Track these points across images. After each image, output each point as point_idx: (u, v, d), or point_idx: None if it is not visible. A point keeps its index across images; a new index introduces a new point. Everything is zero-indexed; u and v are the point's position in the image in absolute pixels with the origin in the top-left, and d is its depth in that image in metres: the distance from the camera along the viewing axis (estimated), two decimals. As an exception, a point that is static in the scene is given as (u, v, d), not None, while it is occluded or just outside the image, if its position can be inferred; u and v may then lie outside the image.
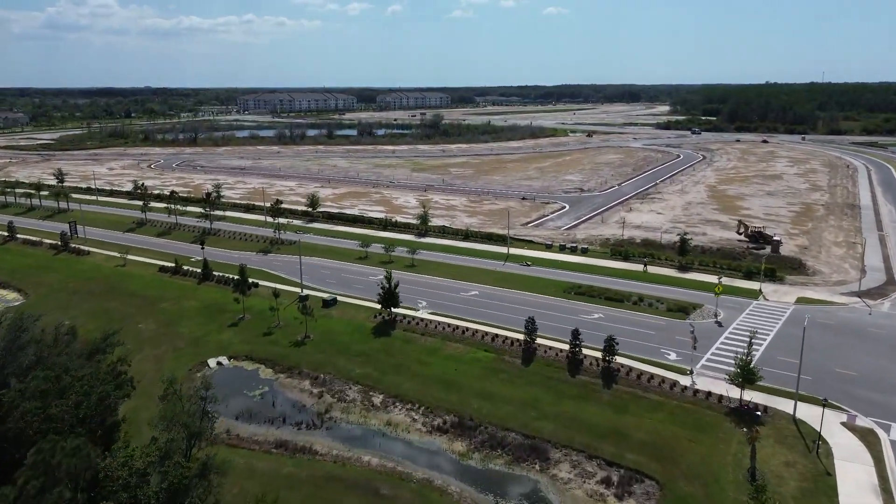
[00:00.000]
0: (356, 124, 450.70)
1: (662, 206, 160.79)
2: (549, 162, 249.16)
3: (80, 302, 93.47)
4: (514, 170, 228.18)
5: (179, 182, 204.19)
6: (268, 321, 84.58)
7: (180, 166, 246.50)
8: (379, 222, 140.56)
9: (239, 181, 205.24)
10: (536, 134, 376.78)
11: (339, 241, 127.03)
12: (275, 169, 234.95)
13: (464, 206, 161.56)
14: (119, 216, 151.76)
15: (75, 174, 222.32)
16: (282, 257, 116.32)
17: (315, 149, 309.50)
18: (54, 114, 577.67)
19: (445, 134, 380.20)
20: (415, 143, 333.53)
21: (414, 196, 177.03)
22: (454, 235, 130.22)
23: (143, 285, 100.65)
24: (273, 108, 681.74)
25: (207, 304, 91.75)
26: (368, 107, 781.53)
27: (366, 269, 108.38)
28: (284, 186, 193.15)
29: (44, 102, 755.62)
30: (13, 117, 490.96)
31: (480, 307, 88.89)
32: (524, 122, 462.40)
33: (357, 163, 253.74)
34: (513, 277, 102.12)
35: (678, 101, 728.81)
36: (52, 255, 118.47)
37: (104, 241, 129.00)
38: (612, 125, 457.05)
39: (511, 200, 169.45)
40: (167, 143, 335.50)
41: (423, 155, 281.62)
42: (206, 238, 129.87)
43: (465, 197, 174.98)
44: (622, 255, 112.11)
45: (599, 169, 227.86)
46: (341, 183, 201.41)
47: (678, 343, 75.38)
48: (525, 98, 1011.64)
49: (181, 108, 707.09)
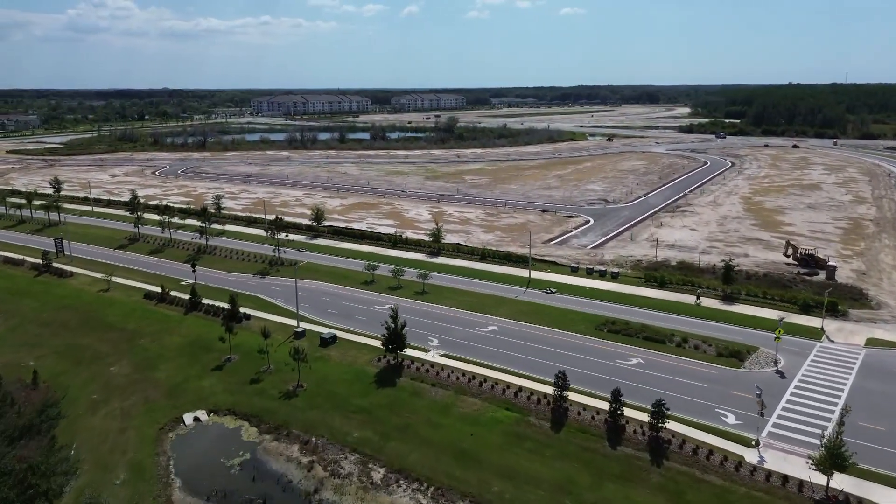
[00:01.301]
0: (369, 127, 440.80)
1: (695, 220, 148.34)
2: (569, 169, 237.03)
3: (50, 337, 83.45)
4: (532, 178, 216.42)
5: (181, 191, 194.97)
6: (257, 364, 73.95)
7: (185, 173, 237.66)
8: (388, 239, 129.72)
9: (243, 190, 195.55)
10: (554, 138, 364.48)
11: (343, 262, 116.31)
12: (282, 176, 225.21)
13: (480, 220, 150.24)
14: (112, 230, 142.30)
15: (76, 181, 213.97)
16: (281, 281, 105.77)
17: (326, 154, 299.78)
18: (67, 116, 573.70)
19: (460, 138, 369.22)
20: (428, 148, 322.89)
21: (426, 208, 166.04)
22: (469, 255, 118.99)
23: (124, 315, 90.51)
24: (287, 110, 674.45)
25: (192, 341, 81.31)
26: (383, 108, 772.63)
27: (371, 297, 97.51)
28: (290, 196, 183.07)
29: (60, 104, 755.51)
30: (24, 120, 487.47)
31: (500, 347, 77.64)
32: (541, 125, 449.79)
33: (368, 169, 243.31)
34: (536, 309, 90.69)
35: (699, 102, 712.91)
36: (32, 276, 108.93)
37: (91, 259, 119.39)
38: (632, 128, 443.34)
39: (530, 213, 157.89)
40: (175, 148, 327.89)
41: (436, 161, 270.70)
42: (201, 257, 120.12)
43: (481, 209, 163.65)
44: (658, 281, 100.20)
45: (623, 177, 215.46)
46: (350, 192, 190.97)
47: (736, 400, 63.61)
48: (541, 99, 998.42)
49: (195, 110, 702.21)
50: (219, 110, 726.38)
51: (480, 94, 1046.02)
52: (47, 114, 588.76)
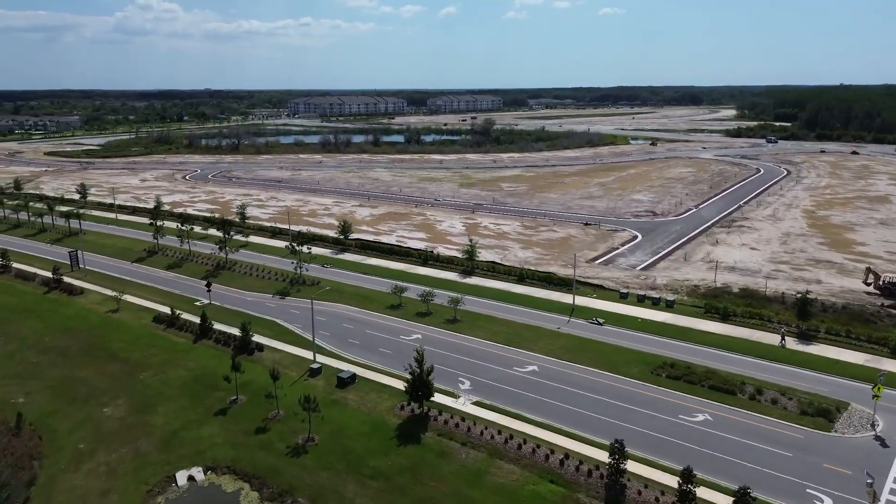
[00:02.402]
0: (404, 129, 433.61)
1: (755, 238, 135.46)
2: (611, 176, 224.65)
3: (47, 367, 76.47)
4: (573, 186, 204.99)
5: (208, 197, 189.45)
6: (265, 407, 65.41)
7: (215, 177, 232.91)
8: (418, 255, 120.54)
9: (272, 197, 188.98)
10: (594, 141, 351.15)
11: (370, 281, 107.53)
12: (313, 182, 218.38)
13: (517, 234, 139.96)
14: (132, 240, 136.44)
15: (105, 186, 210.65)
16: (301, 303, 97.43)
17: (359, 158, 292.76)
18: (108, 117, 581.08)
19: (497, 141, 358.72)
20: (464, 152, 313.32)
21: (460, 218, 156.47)
22: (506, 276, 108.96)
23: (129, 342, 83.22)
24: (323, 111, 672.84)
25: (197, 376, 73.30)
26: (419, 110, 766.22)
27: (398, 325, 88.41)
28: (319, 205, 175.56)
29: (104, 105, 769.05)
30: (66, 121, 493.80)
31: (541, 393, 67.64)
32: (580, 128, 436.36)
33: (401, 175, 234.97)
34: (582, 345, 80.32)
35: (745, 104, 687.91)
36: (42, 293, 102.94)
37: (106, 274, 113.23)
38: (675, 131, 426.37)
39: (571, 226, 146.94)
40: (209, 151, 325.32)
41: (472, 166, 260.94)
42: (219, 273, 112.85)
43: (519, 221, 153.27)
44: (719, 313, 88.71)
45: (670, 186, 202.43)
46: (381, 200, 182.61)
47: (830, 477, 52.48)
48: (579, 100, 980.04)
49: (233, 111, 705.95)
50: (256, 111, 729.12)
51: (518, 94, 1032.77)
52: (90, 115, 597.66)
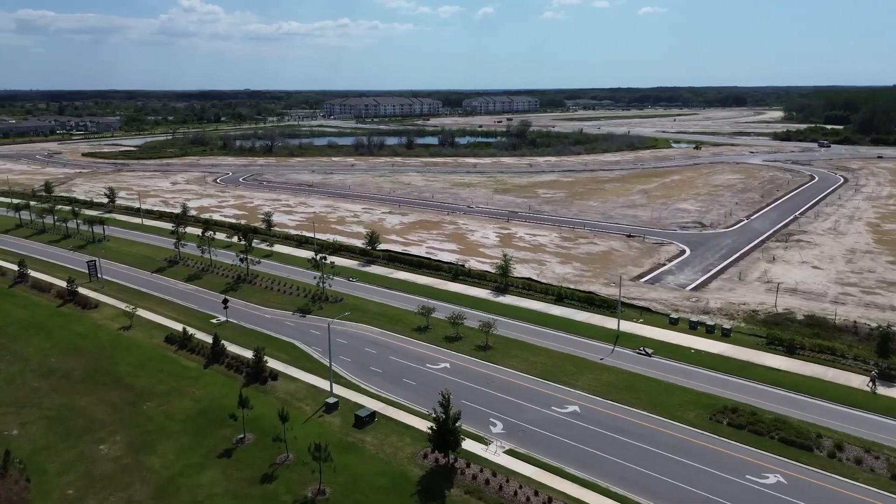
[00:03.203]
0: (439, 131, 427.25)
1: (816, 254, 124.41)
2: (654, 183, 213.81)
3: (47, 393, 71.35)
4: (613, 192, 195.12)
5: (237, 202, 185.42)
6: (274, 450, 58.80)
7: (246, 181, 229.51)
8: (448, 269, 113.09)
9: (301, 202, 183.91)
10: (635, 145, 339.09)
11: (396, 298, 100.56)
12: (344, 186, 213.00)
13: (555, 247, 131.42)
14: (155, 248, 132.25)
15: (136, 189, 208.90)
16: (322, 322, 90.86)
17: (392, 161, 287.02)
18: (147, 118, 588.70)
19: (533, 144, 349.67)
20: (499, 155, 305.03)
21: (494, 228, 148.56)
22: (543, 295, 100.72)
23: (137, 365, 77.79)
24: (358, 112, 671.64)
25: (204, 409, 67.18)
26: (454, 111, 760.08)
27: (424, 351, 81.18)
28: (348, 212, 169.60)
29: (145, 106, 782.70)
30: (106, 122, 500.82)
31: (584, 441, 59.58)
32: (620, 130, 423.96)
33: (433, 179, 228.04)
34: (629, 381, 71.82)
35: (792, 106, 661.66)
36: (55, 306, 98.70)
37: (124, 285, 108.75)
38: (719, 134, 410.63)
39: (613, 238, 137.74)
40: (242, 153, 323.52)
41: (507, 170, 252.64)
42: (240, 287, 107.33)
43: (556, 231, 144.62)
44: (784, 345, 79.11)
45: (718, 194, 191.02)
46: (412, 207, 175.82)
47: (939, 568, 43.31)
48: (618, 102, 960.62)
49: (270, 112, 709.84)
50: (293, 112, 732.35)
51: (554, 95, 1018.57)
52: (131, 115, 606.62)
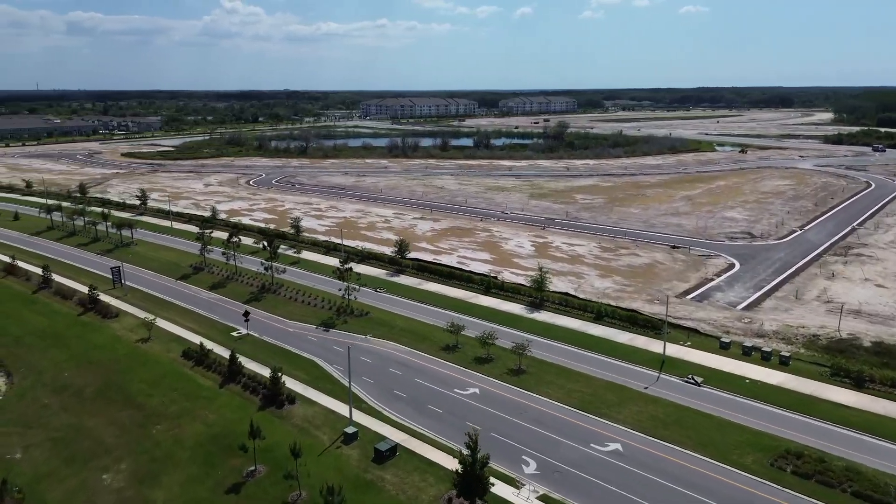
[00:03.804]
0: (474, 132, 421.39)
1: (879, 270, 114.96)
2: (698, 189, 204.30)
3: (57, 412, 68.15)
4: (655, 199, 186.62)
5: (268, 205, 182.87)
6: (286, 487, 54.14)
7: (279, 183, 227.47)
8: (480, 282, 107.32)
9: (332, 207, 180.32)
10: (677, 148, 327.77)
11: (424, 312, 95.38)
12: (376, 190, 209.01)
13: (593, 258, 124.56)
14: (181, 254, 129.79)
15: (169, 190, 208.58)
16: (346, 338, 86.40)
17: (425, 163, 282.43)
18: (186, 118, 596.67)
19: (570, 146, 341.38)
20: (535, 158, 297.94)
21: (529, 236, 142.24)
22: (581, 312, 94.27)
23: (152, 382, 74.22)
24: (394, 113, 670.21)
25: (216, 434, 62.97)
26: (490, 112, 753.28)
27: (452, 373, 75.77)
28: (379, 217, 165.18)
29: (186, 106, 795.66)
30: (146, 122, 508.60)
31: (628, 488, 53.38)
32: (661, 132, 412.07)
33: (467, 183, 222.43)
34: (677, 415, 65.16)
35: (841, 107, 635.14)
36: (76, 314, 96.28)
37: (147, 293, 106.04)
38: (766, 137, 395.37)
39: (657, 249, 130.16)
40: (277, 154, 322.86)
41: (543, 173, 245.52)
42: (264, 297, 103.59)
43: (595, 241, 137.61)
44: (851, 377, 71.32)
45: (767, 202, 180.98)
46: (445, 212, 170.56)
47: None
48: (658, 102, 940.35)
49: (307, 112, 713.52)
50: (329, 112, 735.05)
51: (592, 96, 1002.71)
52: (172, 115, 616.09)
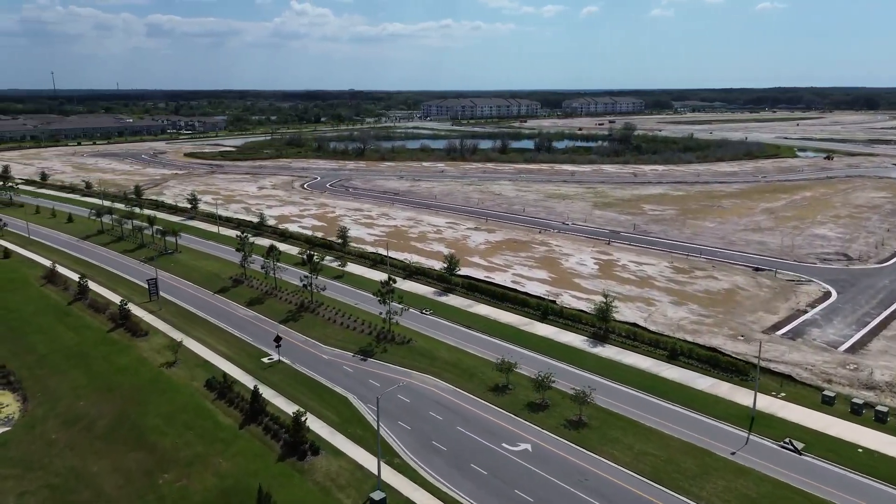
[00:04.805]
0: (536, 134, 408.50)
1: None
2: (781, 200, 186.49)
3: (62, 451, 62.02)
4: (733, 212, 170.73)
5: (318, 211, 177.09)
6: (295, 568, 45.58)
7: (332, 187, 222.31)
8: (536, 306, 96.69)
9: (383, 214, 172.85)
10: (754, 153, 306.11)
11: (473, 340, 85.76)
12: (430, 196, 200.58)
13: (665, 280, 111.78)
14: (224, 263, 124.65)
15: (224, 193, 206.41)
16: (386, 370, 77.81)
17: (483, 167, 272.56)
18: (251, 118, 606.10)
19: (637, 150, 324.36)
20: (600, 162, 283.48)
21: (592, 252, 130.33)
22: (652, 349, 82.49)
23: (168, 417, 67.43)
24: (455, 114, 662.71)
25: (227, 489, 55.24)
26: (552, 112, 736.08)
27: (501, 422, 65.82)
28: (431, 226, 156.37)
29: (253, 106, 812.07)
30: (212, 122, 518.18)
31: None
32: (735, 136, 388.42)
33: (526, 189, 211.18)
34: (774, 495, 53.20)
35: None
36: (106, 330, 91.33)
37: (182, 307, 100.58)
38: (852, 142, 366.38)
39: (737, 272, 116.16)
40: (335, 156, 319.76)
41: (608, 180, 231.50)
42: (301, 316, 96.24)
43: (666, 259, 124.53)
44: None
45: (862, 217, 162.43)
46: (501, 222, 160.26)
47: None
48: (731, 104, 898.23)
49: (368, 113, 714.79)
50: (391, 113, 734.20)
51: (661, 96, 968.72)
52: (237, 115, 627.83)
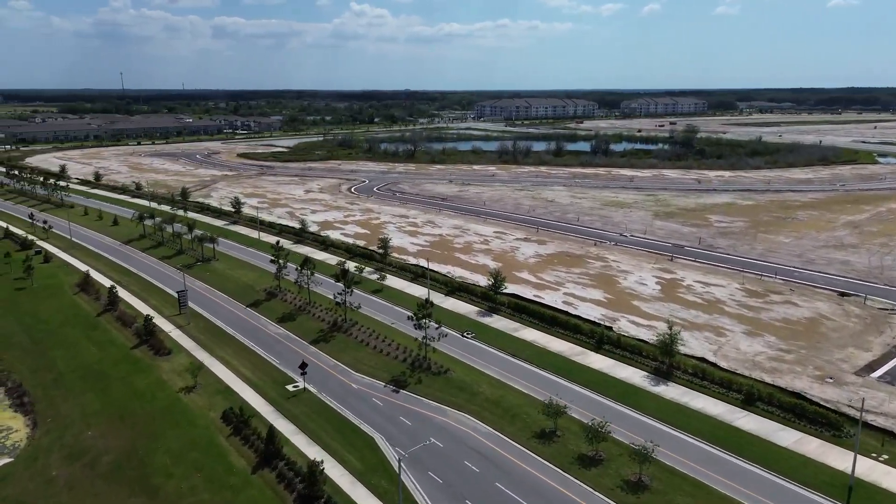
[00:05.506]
0: (592, 136, 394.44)
1: None
2: (865, 213, 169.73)
3: (59, 492, 56.65)
4: (810, 225, 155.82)
5: (363, 217, 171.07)
6: None
7: (380, 190, 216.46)
8: (590, 332, 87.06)
9: (429, 221, 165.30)
10: (829, 158, 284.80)
11: (518, 373, 77.07)
12: (479, 202, 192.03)
13: (736, 305, 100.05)
14: (261, 273, 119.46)
15: (270, 196, 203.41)
16: (419, 404, 70.10)
17: (536, 171, 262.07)
18: (306, 118, 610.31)
19: (700, 154, 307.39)
20: (660, 167, 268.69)
21: (652, 269, 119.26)
22: (724, 390, 71.80)
23: (179, 453, 61.39)
24: (508, 114, 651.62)
25: (227, 552, 48.42)
26: (610, 113, 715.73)
27: (547, 480, 56.99)
28: (477, 236, 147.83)
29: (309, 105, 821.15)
30: (267, 122, 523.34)
31: None
32: (807, 139, 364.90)
33: (581, 196, 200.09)
34: None
35: None
36: (130, 347, 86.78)
37: (211, 321, 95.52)
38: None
39: (819, 296, 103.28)
40: (384, 158, 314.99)
41: (670, 186, 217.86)
42: (333, 337, 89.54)
43: (737, 280, 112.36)
44: None
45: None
46: (552, 232, 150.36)
47: None
48: (801, 104, 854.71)
49: (422, 113, 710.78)
50: (444, 114, 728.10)
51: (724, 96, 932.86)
52: (293, 115, 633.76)
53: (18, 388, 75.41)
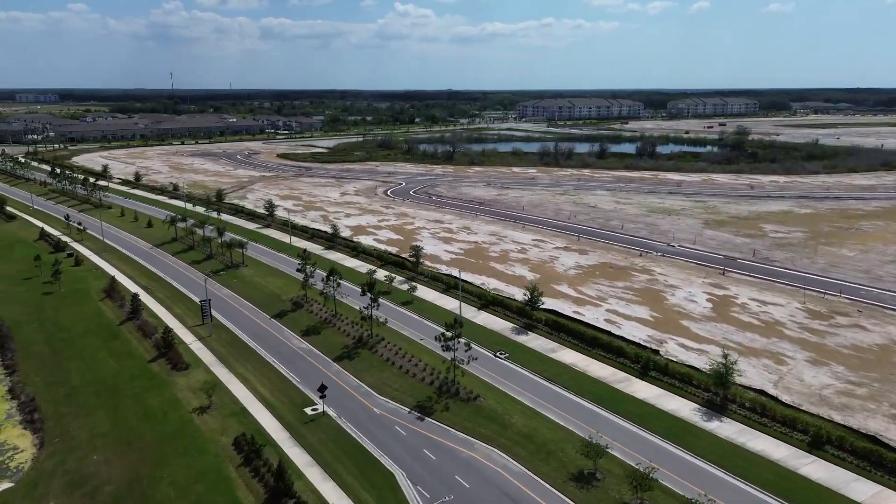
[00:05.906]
0: (637, 137, 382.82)
1: None
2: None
3: (55, 523, 52.90)
4: (876, 237, 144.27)
5: (397, 222, 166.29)
6: None
7: (416, 193, 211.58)
8: (635, 357, 79.93)
9: (464, 227, 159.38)
10: (893, 163, 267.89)
11: (554, 401, 70.67)
12: (518, 207, 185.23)
13: (798, 327, 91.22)
14: (288, 281, 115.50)
15: (306, 198, 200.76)
16: (445, 435, 64.39)
17: (578, 174, 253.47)
18: (347, 118, 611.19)
19: (753, 157, 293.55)
20: (710, 171, 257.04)
21: (703, 285, 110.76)
22: (787, 430, 63.92)
23: (184, 486, 57.10)
24: (551, 115, 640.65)
25: None
26: (656, 114, 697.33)
27: (583, 533, 50.48)
28: (515, 244, 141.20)
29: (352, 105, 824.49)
30: (308, 122, 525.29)
31: None
32: (868, 142, 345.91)
33: (626, 201, 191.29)
34: None
35: None
36: (147, 360, 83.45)
37: (233, 333, 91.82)
38: None
39: (891, 320, 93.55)
40: (423, 159, 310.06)
41: (720, 192, 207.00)
42: (357, 354, 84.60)
43: (797, 298, 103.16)
44: None
45: None
46: (594, 241, 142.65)
47: None
48: (858, 105, 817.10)
49: (463, 113, 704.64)
50: (486, 114, 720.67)
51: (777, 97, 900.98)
52: (335, 115, 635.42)
53: (31, 403, 72.49)
